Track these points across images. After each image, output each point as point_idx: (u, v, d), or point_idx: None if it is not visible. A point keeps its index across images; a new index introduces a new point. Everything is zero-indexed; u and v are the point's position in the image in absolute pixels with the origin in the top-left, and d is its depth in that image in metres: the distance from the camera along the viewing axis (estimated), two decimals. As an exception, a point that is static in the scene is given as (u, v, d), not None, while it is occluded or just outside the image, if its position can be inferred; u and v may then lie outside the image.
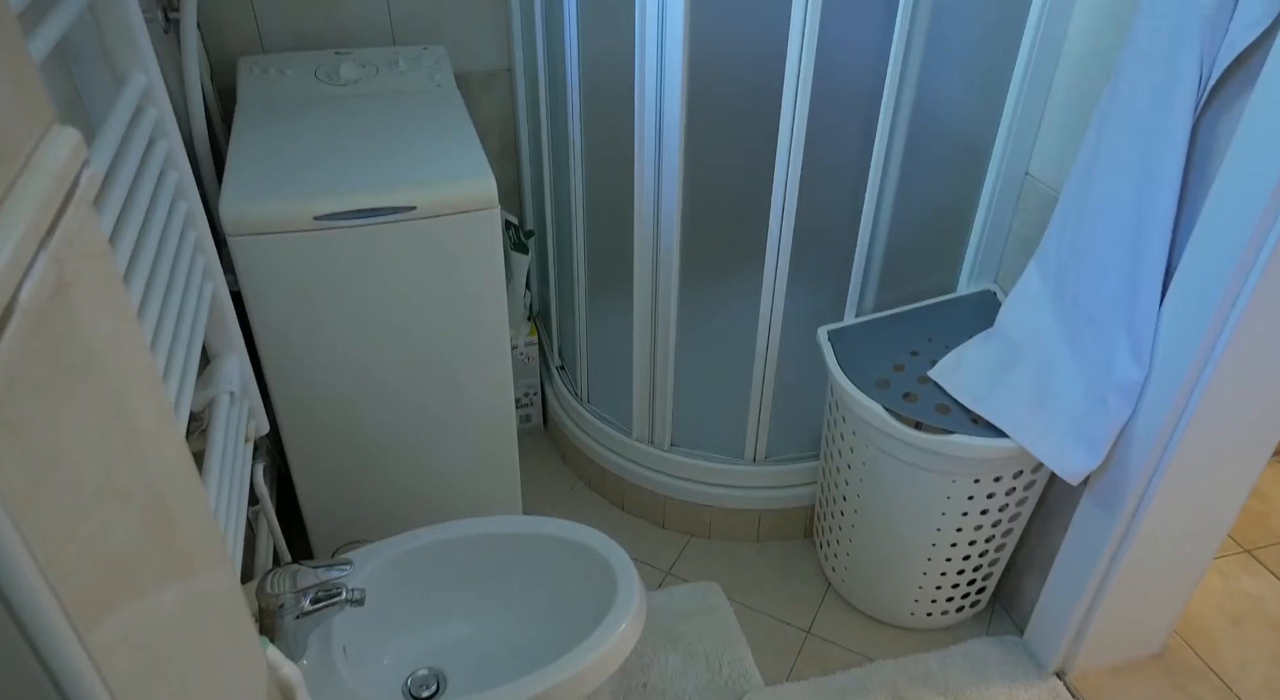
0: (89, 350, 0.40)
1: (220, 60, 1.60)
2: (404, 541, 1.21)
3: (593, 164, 1.54)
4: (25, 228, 0.34)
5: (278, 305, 1.22)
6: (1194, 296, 1.09)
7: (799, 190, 1.36)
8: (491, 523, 1.25)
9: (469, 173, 1.25)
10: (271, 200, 1.17)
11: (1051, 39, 1.32)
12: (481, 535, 1.23)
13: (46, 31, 0.65)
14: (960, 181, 1.48)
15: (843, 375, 1.39)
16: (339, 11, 1.63)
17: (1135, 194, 1.13)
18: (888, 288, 1.54)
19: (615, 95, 1.39)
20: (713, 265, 1.52)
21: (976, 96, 1.40)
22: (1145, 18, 1.07)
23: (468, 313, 1.32)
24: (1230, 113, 1.02)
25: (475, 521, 1.25)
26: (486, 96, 1.82)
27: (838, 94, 1.30)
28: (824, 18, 1.21)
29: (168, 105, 0.91)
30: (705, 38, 1.27)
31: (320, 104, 1.42)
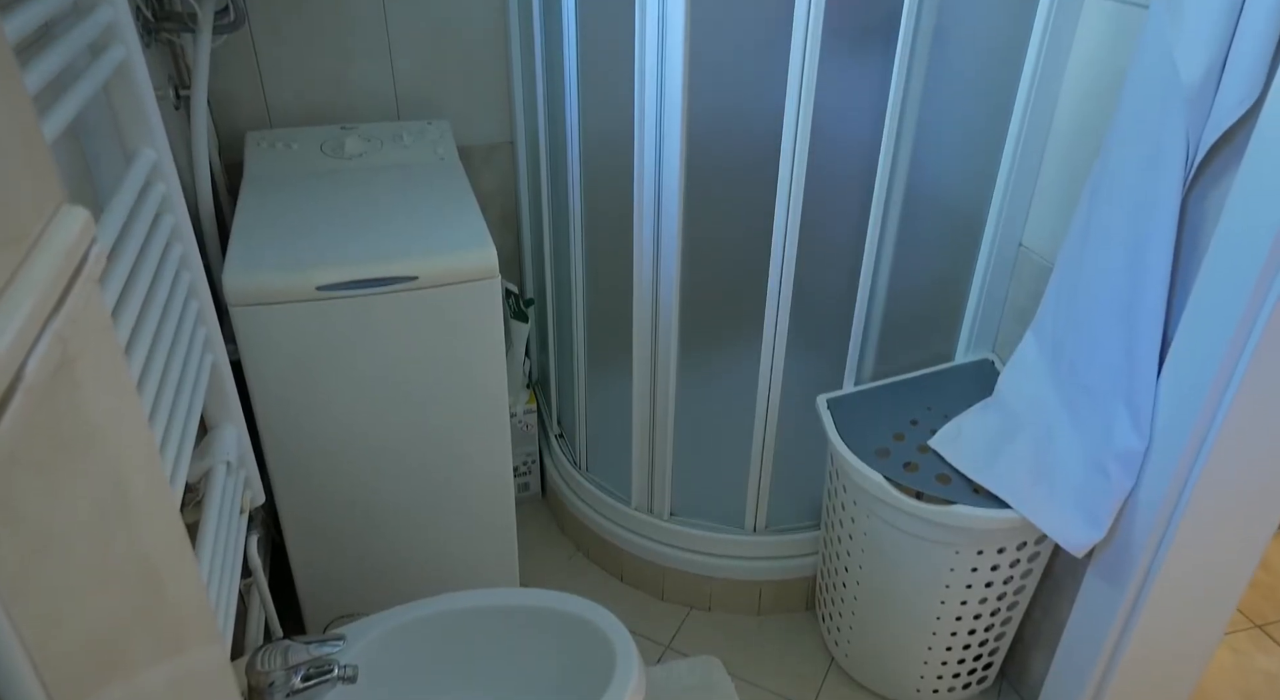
0: (89, 427, 0.40)
1: (228, 134, 1.64)
2: (398, 615, 1.18)
3: (592, 234, 1.56)
4: (32, 307, 0.35)
5: (277, 374, 1.22)
6: (1191, 368, 1.10)
7: (796, 260, 1.37)
8: (487, 595, 1.23)
9: (470, 243, 1.27)
10: (274, 271, 1.18)
11: (1041, 114, 1.35)
12: (477, 609, 1.21)
13: (61, 111, 0.66)
14: (955, 252, 1.50)
15: (842, 444, 1.39)
16: (346, 88, 1.68)
17: (1128, 266, 1.14)
18: (886, 356, 1.55)
19: (615, 167, 1.42)
20: (712, 334, 1.53)
21: (969, 169, 1.43)
22: (1131, 97, 1.10)
23: (467, 381, 1.32)
24: (1218, 188, 1.04)
25: (471, 594, 1.22)
26: (488, 168, 1.85)
27: (833, 166, 1.33)
28: (819, 93, 1.24)
29: (175, 180, 0.93)
30: (703, 112, 1.30)
31: (325, 177, 1.44)
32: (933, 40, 1.27)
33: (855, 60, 1.27)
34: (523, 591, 1.23)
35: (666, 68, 1.26)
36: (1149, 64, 1.07)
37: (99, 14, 0.78)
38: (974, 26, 1.30)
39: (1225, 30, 0.97)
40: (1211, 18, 0.97)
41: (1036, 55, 1.31)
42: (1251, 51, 0.95)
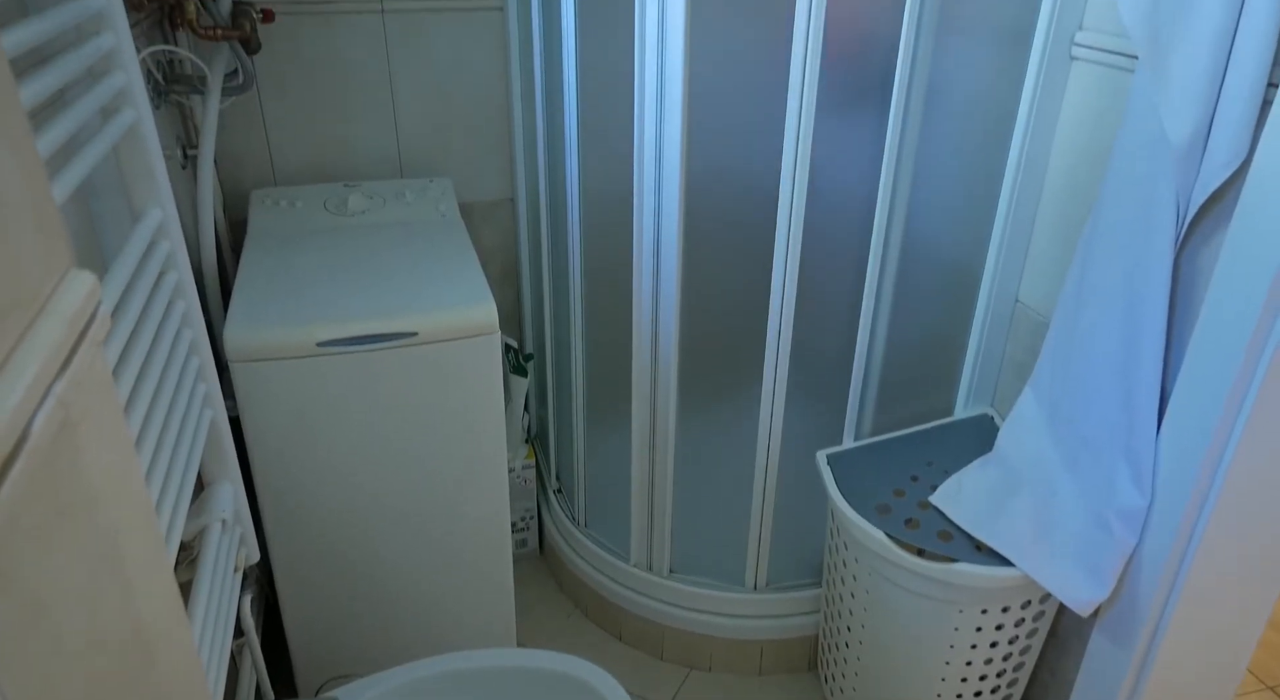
0: (88, 491, 0.40)
1: (233, 192, 1.66)
2: (392, 677, 1.16)
3: (592, 289, 1.58)
4: (37, 371, 0.35)
5: (275, 430, 1.22)
6: (1190, 424, 1.10)
7: (795, 315, 1.38)
8: (484, 656, 1.20)
9: (470, 299, 1.27)
10: (275, 327, 1.18)
11: (1033, 172, 1.38)
12: (473, 670, 1.19)
13: (71, 174, 0.68)
14: (952, 307, 1.52)
15: (843, 500, 1.38)
16: (350, 147, 1.71)
17: (1123, 323, 1.15)
18: (885, 411, 1.55)
19: (614, 224, 1.44)
20: (711, 389, 1.53)
21: (965, 226, 1.45)
22: (1121, 156, 1.12)
23: (465, 436, 1.32)
24: (1209, 247, 1.06)
25: (466, 655, 1.20)
26: (489, 225, 1.88)
27: (830, 223, 1.35)
28: (815, 151, 1.27)
29: (180, 238, 0.94)
30: (701, 170, 1.32)
31: (328, 234, 1.46)
32: (925, 100, 1.30)
33: (850, 119, 1.30)
34: (520, 652, 1.21)
35: (665, 126, 1.29)
36: (1137, 125, 1.09)
37: (112, 79, 0.80)
38: (965, 87, 1.33)
39: (1210, 92, 0.99)
40: (1196, 80, 0.99)
41: (1027, 114, 1.34)
42: (1236, 113, 0.97)
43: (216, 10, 1.36)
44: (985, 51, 1.32)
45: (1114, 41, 1.21)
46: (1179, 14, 1.00)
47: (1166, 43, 1.02)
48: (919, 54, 1.25)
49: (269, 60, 1.59)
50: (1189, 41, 0.99)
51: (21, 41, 0.63)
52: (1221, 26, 0.96)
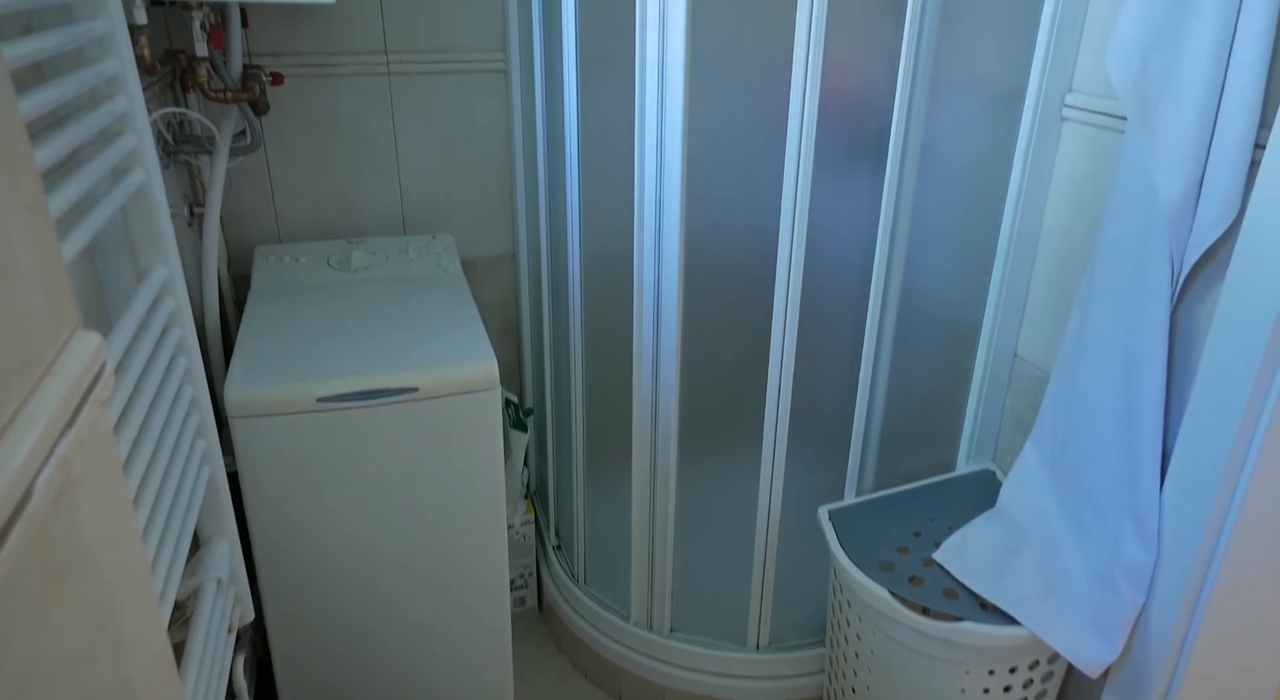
0: (85, 553, 0.39)
1: (238, 249, 1.68)
2: (387, 742, 1.13)
3: (592, 344, 1.58)
4: (40, 432, 0.35)
5: (274, 487, 1.21)
6: (1193, 480, 1.09)
7: (794, 370, 1.39)
8: (481, 720, 1.18)
9: (471, 354, 1.28)
10: (276, 383, 1.19)
11: (1028, 229, 1.40)
12: (470, 734, 1.16)
13: (80, 233, 0.69)
14: (951, 363, 1.52)
15: (846, 557, 1.36)
16: (354, 204, 1.74)
17: (1122, 378, 1.15)
18: (887, 466, 1.54)
19: (615, 279, 1.45)
20: (711, 444, 1.52)
21: (962, 281, 1.46)
22: (1114, 214, 1.14)
23: (464, 492, 1.31)
24: (1205, 303, 1.06)
25: (464, 718, 1.17)
26: (491, 279, 1.89)
27: (829, 278, 1.36)
28: (813, 208, 1.28)
29: (184, 295, 0.95)
30: (700, 226, 1.34)
31: (330, 289, 1.47)
32: (921, 158, 1.32)
33: (847, 177, 1.32)
34: (517, 715, 1.19)
35: (665, 184, 1.31)
36: (1129, 183, 1.11)
37: (123, 141, 0.82)
38: (960, 146, 1.36)
39: (1199, 153, 1.01)
40: (1185, 141, 1.01)
41: (1021, 172, 1.36)
42: (1225, 173, 0.99)
43: (227, 74, 1.39)
44: (978, 112, 1.35)
45: (1103, 103, 1.24)
46: (1166, 77, 1.03)
47: (1155, 105, 1.04)
48: (913, 114, 1.28)
49: (276, 120, 1.62)
50: (1177, 104, 1.02)
51: (38, 106, 0.64)
52: (1208, 89, 0.99)
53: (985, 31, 1.30)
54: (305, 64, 1.59)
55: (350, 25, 1.60)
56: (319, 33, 1.59)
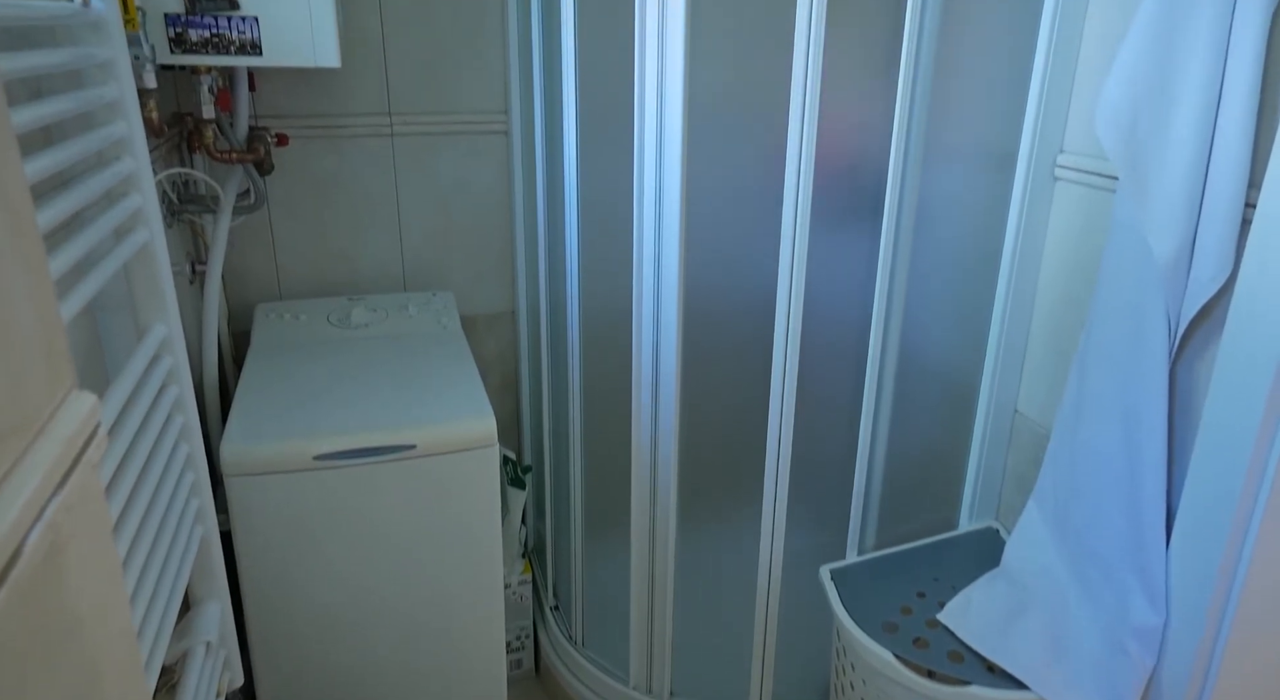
0: (70, 618, 0.39)
1: (239, 306, 1.69)
2: (377, 814, 1.09)
3: (591, 400, 1.58)
4: (30, 495, 0.35)
5: (268, 546, 1.20)
6: (1199, 539, 1.08)
7: (794, 428, 1.38)
8: (475, 790, 1.14)
9: (469, 411, 1.28)
10: (272, 440, 1.18)
11: (1025, 286, 1.40)
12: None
13: (81, 292, 0.69)
14: (951, 419, 1.51)
15: (849, 618, 1.34)
16: (356, 263, 1.75)
17: (1123, 434, 1.15)
18: (888, 525, 1.52)
19: (613, 336, 1.45)
20: (711, 502, 1.51)
21: (960, 338, 1.47)
22: (1109, 272, 1.15)
23: (461, 550, 1.29)
24: (1203, 360, 1.07)
25: (457, 789, 1.14)
26: (491, 336, 1.90)
27: (827, 336, 1.37)
28: (810, 266, 1.29)
29: (183, 353, 0.95)
30: (698, 284, 1.35)
31: (330, 346, 1.48)
32: (916, 217, 1.34)
33: (844, 235, 1.34)
34: (513, 785, 1.15)
35: (663, 242, 1.32)
36: (1123, 242, 1.12)
37: (128, 201, 0.83)
38: (954, 205, 1.37)
39: (1190, 212, 1.02)
40: (1176, 200, 1.03)
41: (1015, 231, 1.38)
42: (1218, 232, 1.00)
43: (233, 135, 1.42)
44: (972, 172, 1.37)
45: (1094, 163, 1.26)
46: (1155, 138, 1.04)
47: (1145, 165, 1.06)
48: (908, 174, 1.30)
49: (280, 180, 1.65)
50: (1166, 164, 1.03)
51: (45, 168, 0.65)
52: (1196, 150, 1.01)
53: (977, 94, 1.33)
54: (310, 125, 1.62)
55: (355, 87, 1.64)
56: (324, 95, 1.62)
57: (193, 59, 1.18)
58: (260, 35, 1.19)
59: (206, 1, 1.15)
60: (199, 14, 1.15)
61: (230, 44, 1.18)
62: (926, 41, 1.24)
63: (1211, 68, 0.99)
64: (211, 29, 1.16)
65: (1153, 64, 1.03)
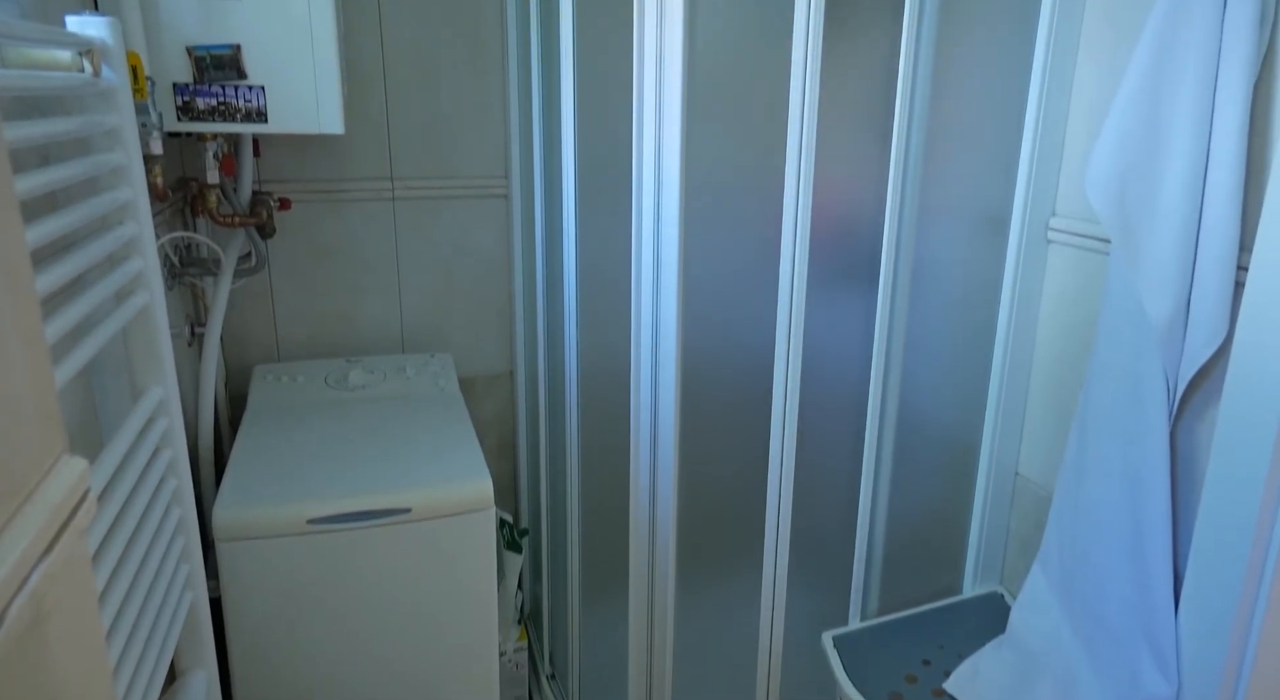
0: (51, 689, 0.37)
1: (236, 367, 1.69)
2: None
3: (588, 462, 1.57)
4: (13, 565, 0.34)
5: (258, 612, 1.17)
6: (1208, 604, 1.06)
7: (794, 489, 1.37)
8: None
9: (465, 474, 1.26)
10: (266, 504, 1.17)
11: (1022, 346, 1.41)
12: None
13: (78, 356, 0.69)
14: (952, 481, 1.50)
15: (853, 687, 1.30)
16: (355, 324, 1.76)
17: (1126, 497, 1.14)
18: (891, 590, 1.50)
19: (611, 397, 1.45)
20: (711, 566, 1.48)
21: (959, 399, 1.47)
22: (1105, 333, 1.15)
23: (456, 616, 1.26)
24: (1204, 421, 1.06)
25: None
26: (489, 397, 1.89)
27: (826, 396, 1.36)
28: (808, 326, 1.30)
29: (179, 416, 0.94)
30: (697, 346, 1.35)
31: (327, 408, 1.47)
32: (912, 278, 1.35)
33: (841, 297, 1.35)
34: None
35: (661, 303, 1.33)
36: (1118, 303, 1.13)
37: (130, 265, 0.84)
38: (950, 267, 1.39)
39: (1183, 274, 1.03)
40: (1169, 264, 1.04)
41: (1011, 292, 1.39)
42: (1212, 294, 1.00)
43: (236, 199, 1.44)
44: (966, 235, 1.39)
45: (1087, 226, 1.27)
46: (1145, 203, 1.06)
47: (1136, 229, 1.07)
48: (903, 237, 1.32)
49: (281, 242, 1.66)
50: (1158, 227, 1.05)
51: (49, 233, 0.66)
52: (1186, 214, 1.02)
53: (969, 158, 1.35)
54: (312, 189, 1.65)
55: (358, 152, 1.66)
56: (327, 160, 1.65)
57: (199, 126, 1.20)
58: (266, 103, 1.22)
59: (215, 71, 1.18)
60: (207, 83, 1.18)
61: (236, 112, 1.20)
62: (918, 107, 1.27)
63: (1198, 134, 1.01)
64: (219, 97, 1.19)
65: (1140, 130, 1.05)
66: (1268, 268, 0.94)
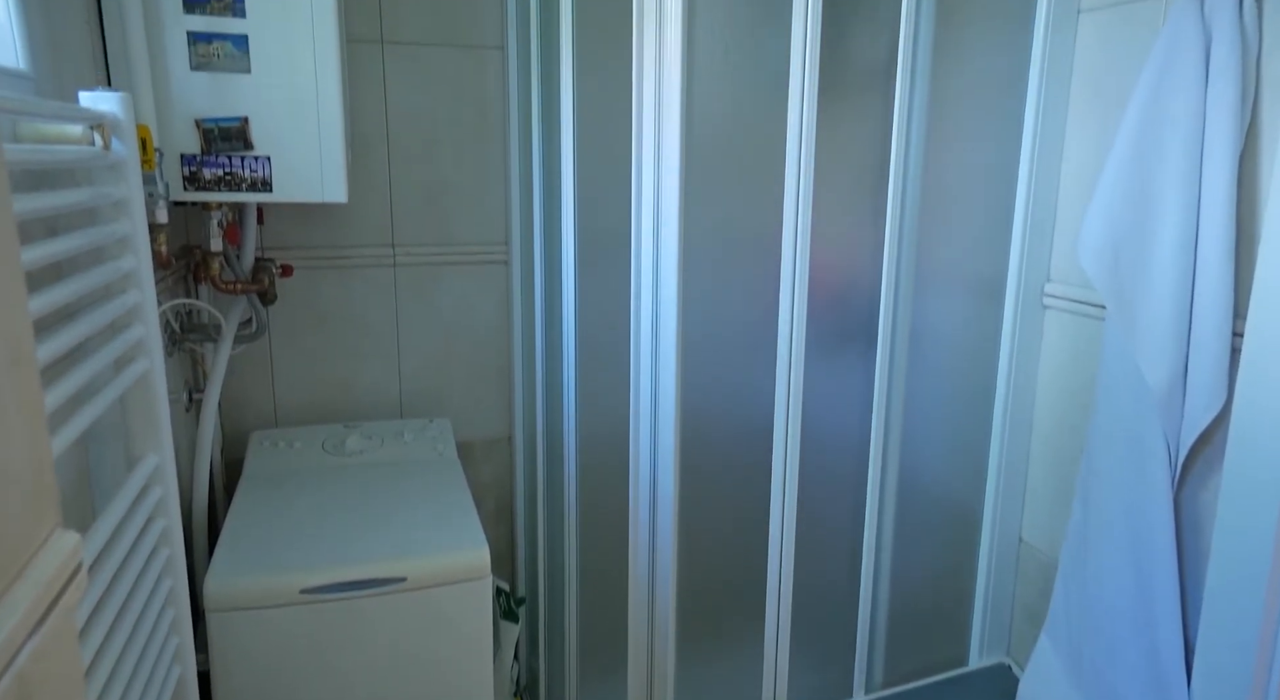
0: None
1: (234, 433, 1.68)
2: None
3: (587, 529, 1.55)
4: (1, 644, 0.33)
5: (248, 686, 1.14)
6: (1221, 677, 1.03)
7: (795, 556, 1.35)
8: None
9: (462, 542, 1.25)
10: (258, 574, 1.15)
11: (1021, 412, 1.41)
12: None
13: (75, 424, 0.69)
14: (955, 548, 1.48)
15: (859, 765, 1.26)
16: (354, 389, 1.75)
17: (1133, 566, 1.12)
18: (895, 661, 1.46)
19: (610, 463, 1.44)
20: (711, 637, 1.45)
21: (960, 464, 1.46)
22: (1105, 398, 1.15)
23: (450, 689, 1.23)
24: (1207, 487, 1.05)
25: None
26: (487, 462, 1.88)
27: (826, 463, 1.35)
28: (806, 395, 1.30)
29: (174, 484, 0.94)
30: (696, 411, 1.35)
31: (323, 474, 1.46)
32: (910, 345, 1.36)
33: (840, 362, 1.35)
34: None
35: (660, 369, 1.33)
36: (1115, 369, 1.13)
37: (131, 332, 0.84)
38: (947, 333, 1.39)
39: (1179, 341, 1.04)
40: (1164, 331, 1.04)
41: (1009, 357, 1.39)
42: (1209, 361, 1.01)
43: (239, 266, 1.45)
44: (962, 301, 1.40)
45: (1082, 292, 1.29)
46: (1138, 271, 1.07)
47: (1131, 295, 1.08)
48: (900, 303, 1.33)
49: (282, 308, 1.67)
50: (1152, 294, 1.06)
51: (52, 302, 0.66)
52: (1179, 281, 1.03)
53: (963, 224, 1.37)
54: (315, 256, 1.67)
55: (361, 219, 1.69)
56: (330, 226, 1.67)
57: (205, 196, 1.22)
58: (272, 173, 1.24)
59: (223, 142, 1.20)
60: (214, 154, 1.20)
61: (242, 181, 1.22)
62: (912, 174, 1.29)
63: (1186, 203, 1.02)
64: (225, 168, 1.21)
65: (1130, 199, 1.07)
66: (1263, 334, 0.94)
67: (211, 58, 1.18)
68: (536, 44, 1.58)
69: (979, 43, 1.32)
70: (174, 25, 1.17)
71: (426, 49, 1.68)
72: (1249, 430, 0.97)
